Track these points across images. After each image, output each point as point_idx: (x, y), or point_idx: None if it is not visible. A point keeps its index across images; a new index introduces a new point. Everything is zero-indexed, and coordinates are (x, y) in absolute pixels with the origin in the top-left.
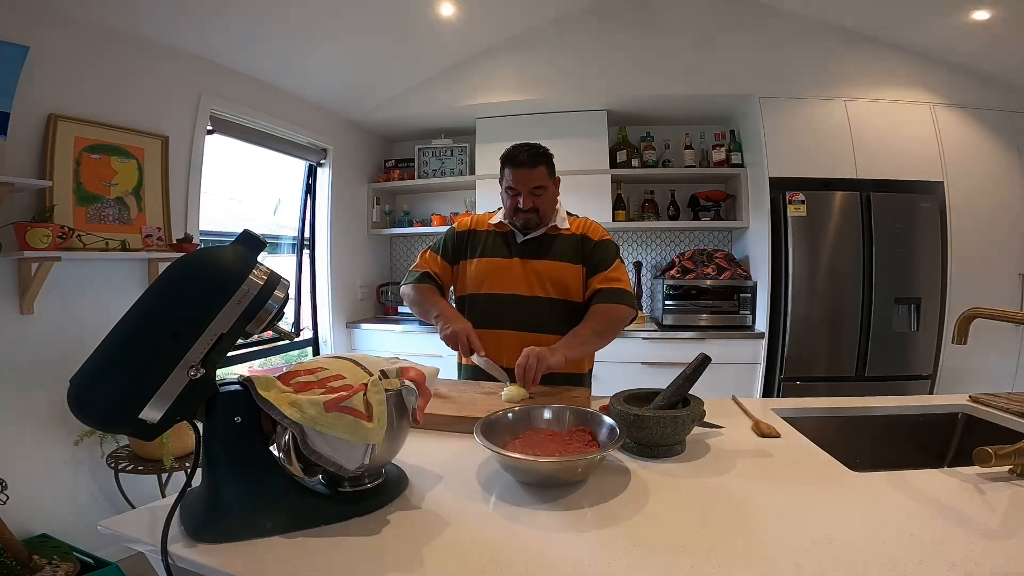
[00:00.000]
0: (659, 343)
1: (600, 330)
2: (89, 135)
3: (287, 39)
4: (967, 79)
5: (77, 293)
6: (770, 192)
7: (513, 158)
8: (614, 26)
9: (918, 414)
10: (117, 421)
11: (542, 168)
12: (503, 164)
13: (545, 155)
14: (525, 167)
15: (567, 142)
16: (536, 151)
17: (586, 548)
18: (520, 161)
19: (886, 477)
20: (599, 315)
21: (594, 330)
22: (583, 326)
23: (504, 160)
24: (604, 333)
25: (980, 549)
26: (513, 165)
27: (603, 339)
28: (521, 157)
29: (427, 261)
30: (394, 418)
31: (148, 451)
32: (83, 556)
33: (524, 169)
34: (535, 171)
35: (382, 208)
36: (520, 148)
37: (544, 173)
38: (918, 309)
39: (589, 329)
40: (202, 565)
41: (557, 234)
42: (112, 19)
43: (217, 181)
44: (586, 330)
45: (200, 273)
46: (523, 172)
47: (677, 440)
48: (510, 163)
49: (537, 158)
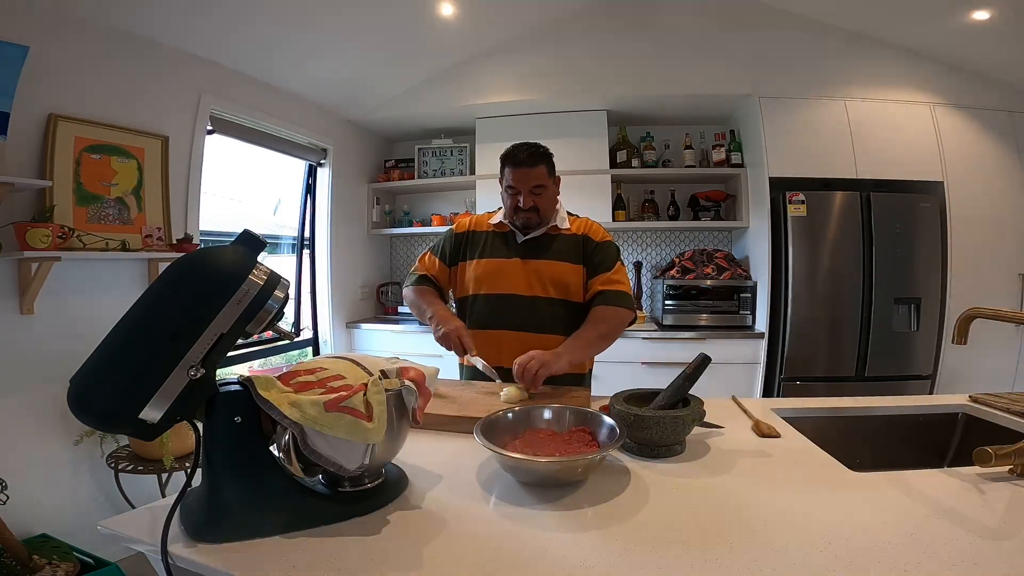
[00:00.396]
0: (659, 343)
1: (604, 333)
2: (89, 135)
3: (287, 39)
4: (967, 79)
5: (77, 293)
6: (770, 192)
7: (513, 157)
8: (614, 26)
9: (918, 414)
10: (117, 421)
11: (542, 167)
12: (503, 163)
13: (545, 154)
14: (525, 166)
15: (567, 142)
16: (536, 150)
17: (586, 548)
18: (520, 160)
19: (886, 477)
20: (602, 318)
21: (599, 333)
22: (587, 329)
23: (504, 159)
24: (607, 336)
25: (980, 549)
26: (513, 164)
27: (606, 342)
28: (521, 156)
29: (425, 264)
30: (394, 418)
31: (148, 451)
32: (83, 556)
33: (524, 168)
34: (535, 170)
35: (382, 208)
36: (520, 147)
37: (544, 172)
38: (918, 309)
39: (593, 333)
40: (202, 565)
41: (558, 234)
42: (112, 19)
43: (217, 181)
44: (590, 334)
45: (200, 273)
46: (523, 171)
47: (677, 440)
48: (510, 162)
49: (537, 157)
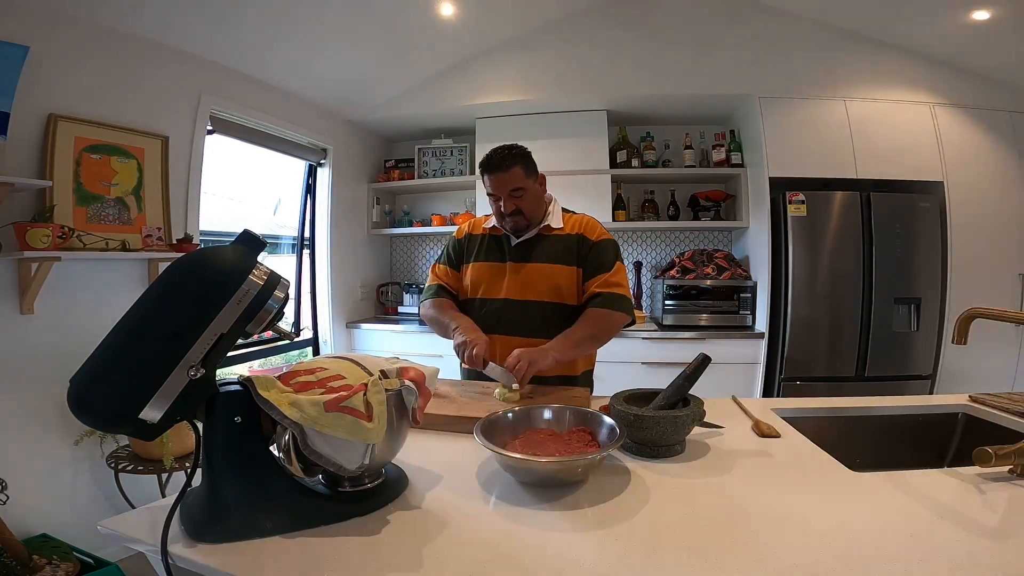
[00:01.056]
0: (659, 343)
1: (594, 334)
2: (89, 135)
3: (287, 39)
4: (967, 79)
5: (77, 293)
6: (770, 192)
7: (487, 163)
8: (614, 26)
9: (918, 414)
10: (117, 421)
11: (517, 168)
12: (481, 171)
13: (519, 155)
14: (499, 171)
15: (567, 142)
16: (508, 152)
17: (586, 548)
18: (494, 165)
19: (886, 477)
20: (594, 319)
21: (588, 334)
22: (577, 328)
23: (481, 167)
24: (596, 337)
25: (980, 549)
26: (488, 170)
27: (596, 343)
28: (494, 161)
29: (438, 275)
30: (394, 418)
31: (148, 451)
32: (83, 556)
33: (498, 173)
34: (509, 173)
35: (382, 208)
36: (494, 152)
37: (520, 173)
38: (918, 309)
39: (582, 332)
40: (202, 565)
41: (550, 234)
42: (112, 19)
43: (217, 181)
44: (579, 333)
45: (200, 273)
46: (498, 176)
47: (677, 440)
48: (485, 169)
49: (510, 159)
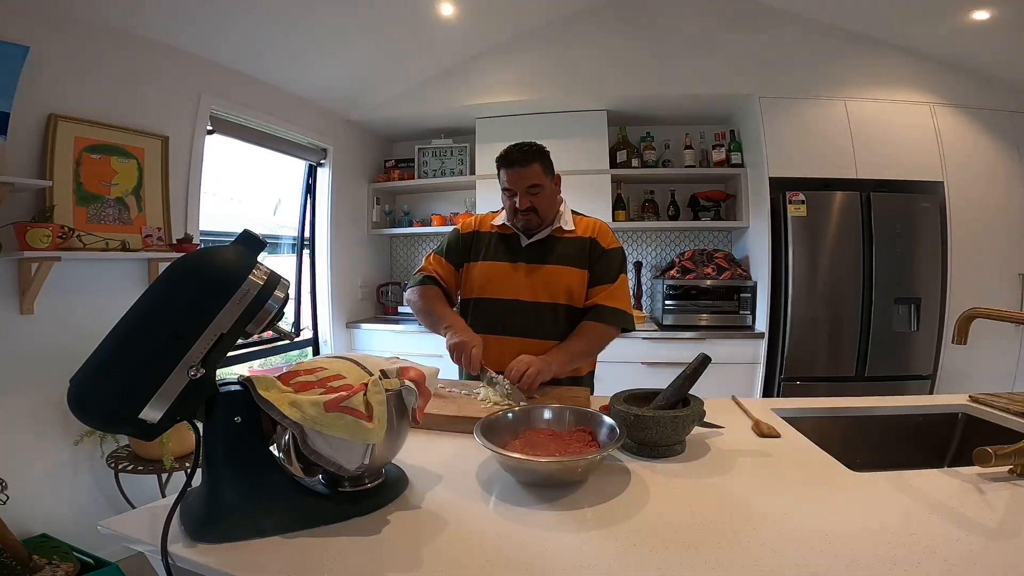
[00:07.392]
0: (659, 343)
1: (584, 350)
2: (89, 135)
3: (287, 39)
4: (967, 79)
5: (77, 293)
6: (770, 192)
7: (506, 157)
8: (614, 26)
9: (918, 414)
10: (117, 421)
11: (536, 166)
12: (498, 166)
13: (539, 152)
14: (518, 166)
15: (567, 142)
16: (529, 149)
17: (586, 548)
18: (513, 160)
19: (886, 477)
20: (592, 335)
21: (580, 349)
22: (575, 342)
23: (498, 161)
24: (587, 353)
25: (980, 549)
26: (506, 165)
27: (589, 357)
28: (514, 156)
29: (431, 263)
30: (394, 418)
31: (148, 451)
32: (83, 556)
33: (517, 168)
34: (528, 169)
35: (382, 208)
36: (513, 147)
37: (539, 171)
38: (918, 309)
39: (579, 347)
40: (202, 565)
41: (562, 236)
42: (112, 19)
43: (217, 181)
44: (577, 348)
45: (200, 273)
46: (516, 171)
47: (677, 440)
48: (504, 163)
49: (530, 156)
